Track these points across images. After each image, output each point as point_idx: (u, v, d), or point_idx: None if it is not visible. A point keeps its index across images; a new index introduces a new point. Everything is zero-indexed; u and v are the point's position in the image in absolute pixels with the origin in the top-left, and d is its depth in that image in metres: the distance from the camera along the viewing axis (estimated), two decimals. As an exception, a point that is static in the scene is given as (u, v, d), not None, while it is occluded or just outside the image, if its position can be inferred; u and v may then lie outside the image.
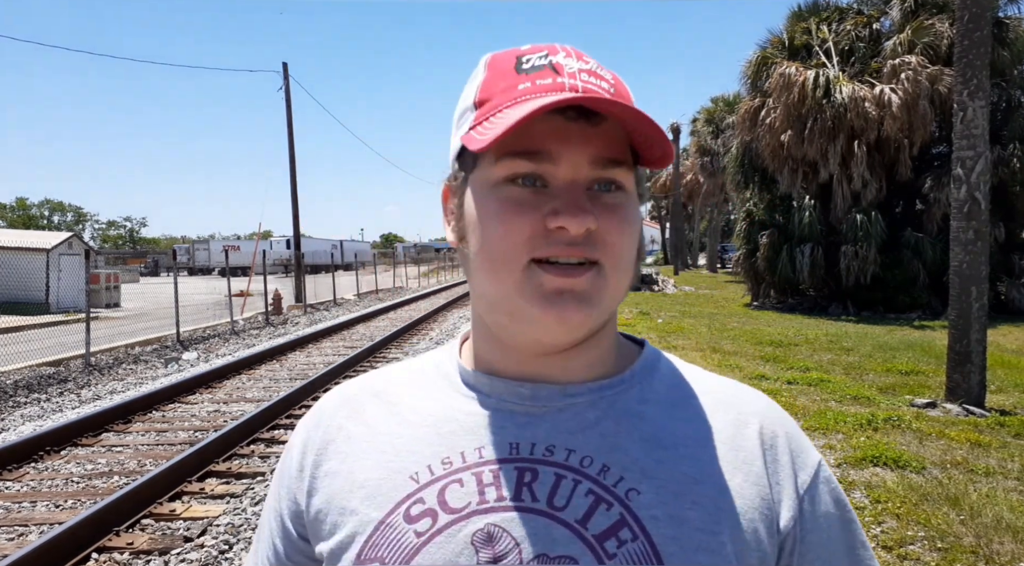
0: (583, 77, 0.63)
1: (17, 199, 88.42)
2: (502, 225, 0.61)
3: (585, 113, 0.60)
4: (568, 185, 0.61)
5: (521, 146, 0.61)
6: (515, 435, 0.64)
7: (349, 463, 0.67)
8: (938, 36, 15.13)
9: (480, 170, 0.64)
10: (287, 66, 22.82)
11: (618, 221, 0.62)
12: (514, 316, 0.62)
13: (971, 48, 6.58)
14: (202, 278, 46.37)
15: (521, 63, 0.64)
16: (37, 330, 14.14)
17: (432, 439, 0.65)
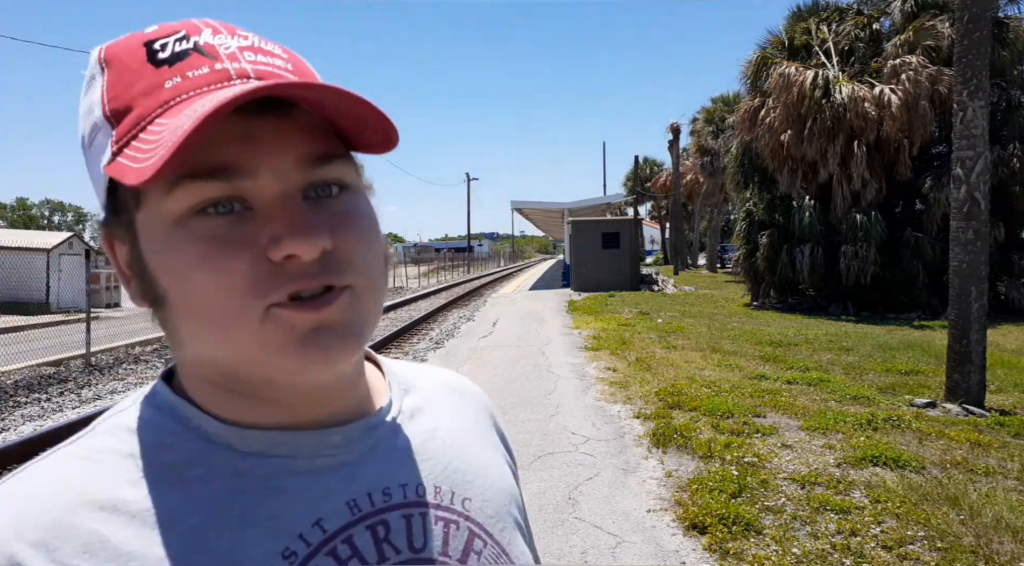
0: (248, 57, 0.50)
1: (17, 199, 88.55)
2: (210, 275, 0.47)
3: (270, 104, 0.47)
4: (279, 200, 0.48)
5: (201, 164, 0.46)
6: (347, 492, 0.53)
7: None
8: (939, 37, 15.13)
9: (149, 208, 0.48)
10: (287, 66, 22.82)
11: (355, 230, 0.51)
12: (266, 372, 0.50)
13: (971, 48, 6.58)
14: (202, 278, 46.22)
15: (155, 52, 0.49)
16: (37, 330, 14.14)
17: (247, 537, 0.49)
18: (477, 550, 0.56)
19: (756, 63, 17.75)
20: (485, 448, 0.66)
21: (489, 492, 0.61)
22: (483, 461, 0.64)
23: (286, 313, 0.47)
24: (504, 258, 79.28)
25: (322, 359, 0.48)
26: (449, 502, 0.57)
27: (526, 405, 6.98)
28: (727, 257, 40.22)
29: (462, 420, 0.66)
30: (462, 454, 0.62)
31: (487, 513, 0.59)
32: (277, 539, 0.49)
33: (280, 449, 0.53)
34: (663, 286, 25.27)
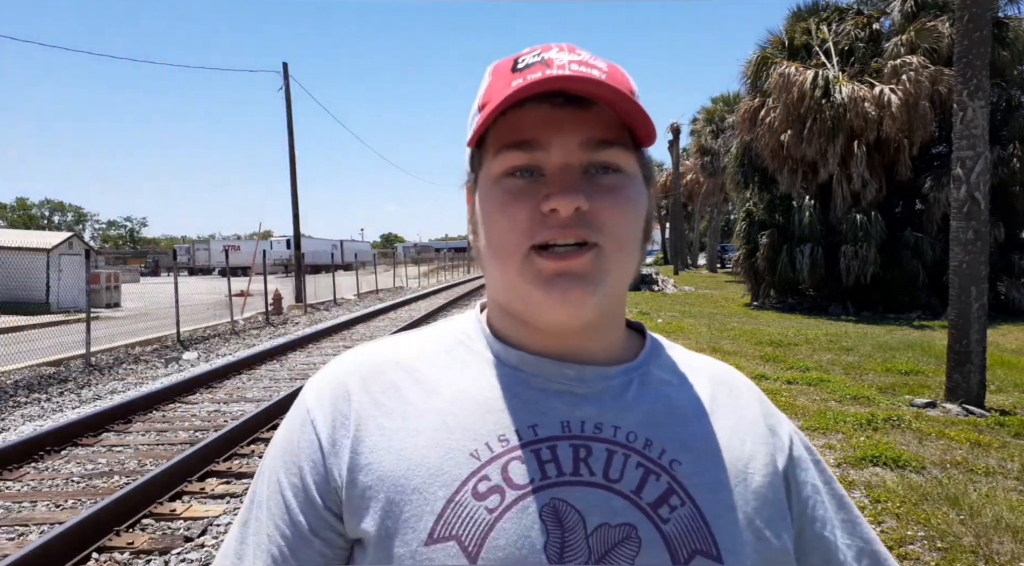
0: (573, 67, 0.64)
1: (17, 199, 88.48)
2: (503, 217, 0.65)
3: (574, 99, 0.63)
4: (560, 170, 0.64)
5: (513, 138, 0.64)
6: (564, 414, 0.67)
7: (396, 440, 0.65)
8: (939, 37, 15.13)
9: (484, 168, 0.68)
10: (287, 66, 22.82)
11: (615, 201, 0.64)
12: (524, 301, 0.67)
13: (971, 48, 6.58)
14: (202, 278, 46.37)
15: (517, 63, 0.67)
16: (37, 330, 14.14)
17: (484, 417, 0.66)
18: (673, 505, 0.63)
19: (756, 63, 17.75)
20: (728, 430, 0.70)
21: (715, 471, 0.67)
22: (726, 443, 0.69)
23: (539, 259, 0.63)
24: (504, 258, 79.05)
25: (560, 299, 0.63)
26: (657, 456, 0.66)
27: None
28: (727, 257, 40.23)
29: (708, 402, 0.72)
30: (696, 430, 0.69)
31: (695, 480, 0.65)
32: (499, 427, 0.65)
33: (527, 368, 0.69)
34: (663, 286, 25.26)
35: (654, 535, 0.61)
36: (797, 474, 0.72)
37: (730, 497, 0.65)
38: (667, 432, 0.67)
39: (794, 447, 0.74)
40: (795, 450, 0.74)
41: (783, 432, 0.74)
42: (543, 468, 0.63)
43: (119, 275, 24.27)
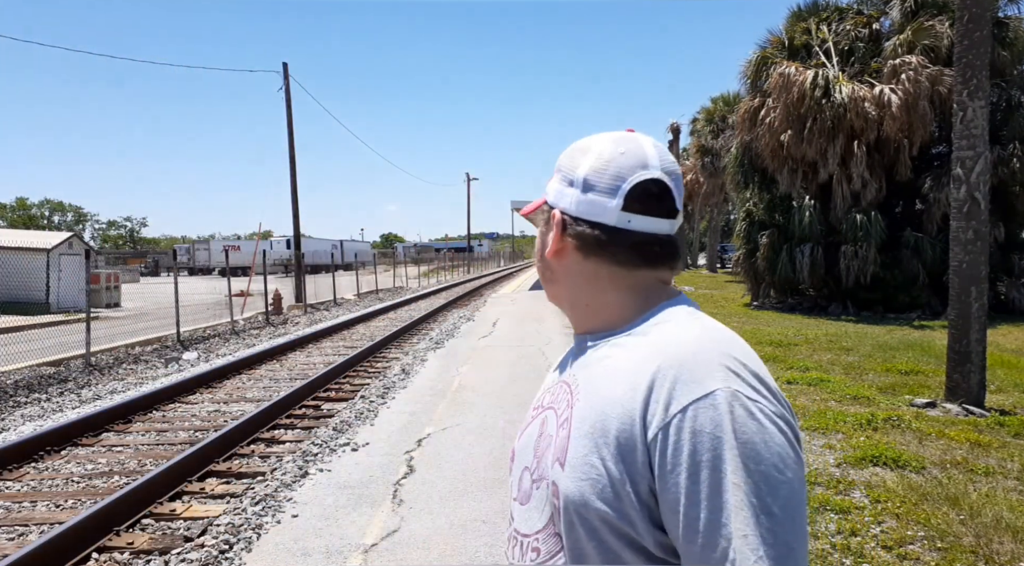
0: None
1: (17, 199, 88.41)
2: None
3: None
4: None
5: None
6: (561, 375, 0.99)
7: None
8: (938, 37, 15.12)
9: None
10: (287, 66, 22.82)
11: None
12: None
13: (971, 48, 6.58)
14: (202, 278, 46.36)
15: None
16: (37, 330, 14.14)
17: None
18: (562, 420, 0.89)
19: (756, 63, 17.74)
20: (613, 390, 0.84)
21: (590, 412, 0.84)
22: (602, 395, 0.85)
23: None
24: (504, 258, 79.25)
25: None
26: (573, 394, 0.90)
27: (526, 405, 6.93)
28: (727, 257, 40.21)
29: (622, 362, 0.86)
30: (596, 383, 0.87)
31: (579, 415, 0.86)
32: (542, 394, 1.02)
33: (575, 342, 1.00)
34: (663, 286, 25.25)
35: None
36: (660, 473, 0.77)
37: (584, 443, 0.82)
38: (586, 383, 0.88)
39: (664, 439, 0.77)
40: (663, 441, 0.77)
41: (669, 411, 0.78)
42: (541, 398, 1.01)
43: (119, 275, 24.26)
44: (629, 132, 0.95)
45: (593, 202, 0.89)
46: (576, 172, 0.92)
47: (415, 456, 5.45)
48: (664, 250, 0.91)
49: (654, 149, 0.91)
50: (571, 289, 0.95)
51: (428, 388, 8.09)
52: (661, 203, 0.89)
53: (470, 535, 3.95)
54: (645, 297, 0.91)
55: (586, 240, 0.90)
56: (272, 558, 3.78)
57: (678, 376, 0.78)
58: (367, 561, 3.69)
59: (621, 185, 0.88)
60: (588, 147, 0.93)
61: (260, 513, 4.39)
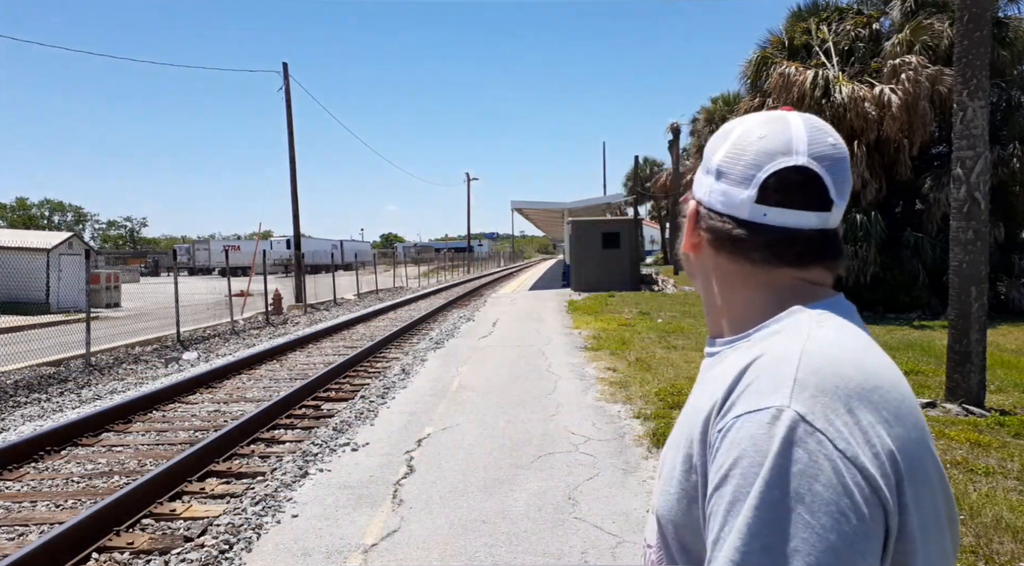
0: None
1: (17, 199, 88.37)
2: None
3: None
4: None
5: None
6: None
7: None
8: (938, 36, 15.11)
9: None
10: (287, 66, 22.83)
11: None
12: None
13: (971, 48, 6.58)
14: (202, 278, 46.35)
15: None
16: (37, 330, 14.14)
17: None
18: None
19: (756, 63, 17.73)
20: (700, 396, 0.80)
21: (685, 416, 0.81)
22: (694, 401, 0.81)
23: None
24: (504, 258, 79.23)
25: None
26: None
27: (526, 405, 6.98)
28: (727, 257, 40.09)
29: (700, 397, 0.80)
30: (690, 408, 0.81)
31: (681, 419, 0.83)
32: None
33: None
34: (663, 286, 25.26)
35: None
36: (711, 481, 0.71)
37: (675, 444, 0.80)
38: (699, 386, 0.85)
39: (720, 443, 0.71)
40: (718, 443, 0.71)
41: (729, 416, 0.71)
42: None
43: (119, 275, 24.26)
44: (785, 110, 0.84)
45: (726, 192, 0.81)
46: (712, 159, 0.84)
47: (415, 456, 5.45)
48: (811, 247, 0.79)
49: (804, 132, 0.79)
50: (704, 287, 0.88)
51: (428, 388, 8.09)
52: (806, 194, 0.78)
53: (470, 535, 3.95)
54: (781, 300, 0.80)
55: (718, 234, 0.82)
56: (272, 558, 3.78)
57: (750, 384, 0.71)
58: (367, 561, 3.69)
59: (756, 174, 0.78)
60: (730, 130, 0.84)
61: (260, 513, 4.39)
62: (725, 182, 0.81)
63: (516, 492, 4.57)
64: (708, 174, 0.84)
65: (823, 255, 0.80)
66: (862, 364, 0.71)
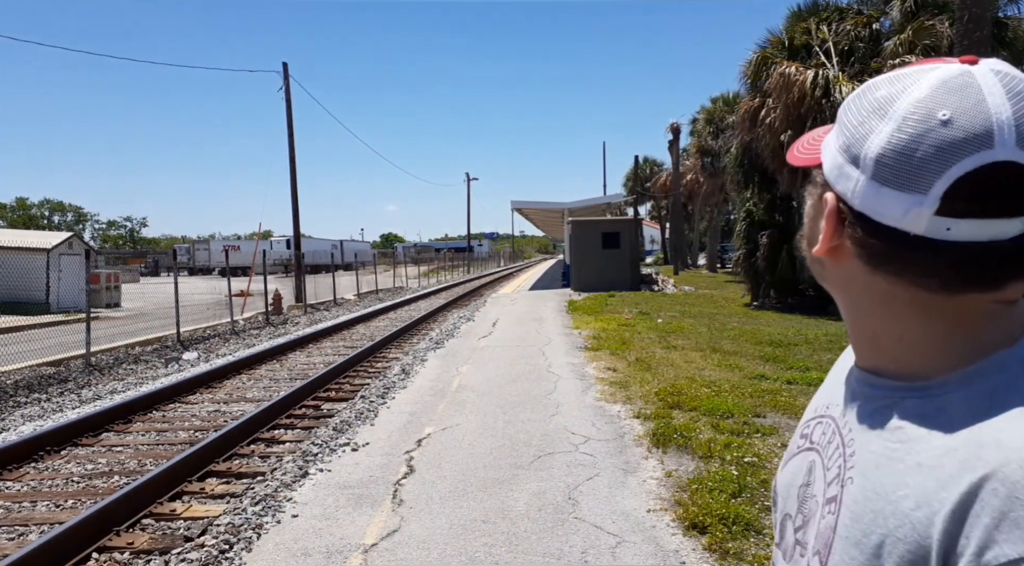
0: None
1: (17, 199, 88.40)
2: None
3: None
4: None
5: None
6: (837, 393, 0.77)
7: None
8: (939, 36, 15.11)
9: None
10: (287, 66, 22.83)
11: None
12: None
13: (971, 48, 6.59)
14: (202, 278, 46.36)
15: None
16: (37, 330, 14.14)
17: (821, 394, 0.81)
18: (831, 498, 0.67)
19: (756, 63, 17.73)
20: (899, 502, 0.58)
21: (862, 520, 0.61)
22: (881, 506, 0.59)
23: None
24: (504, 258, 79.25)
25: None
26: (849, 459, 0.66)
27: (526, 405, 6.98)
28: (727, 257, 40.22)
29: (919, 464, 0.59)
30: (881, 470, 0.61)
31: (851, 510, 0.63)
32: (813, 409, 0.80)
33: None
34: (663, 286, 25.27)
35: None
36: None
37: (851, 552, 0.61)
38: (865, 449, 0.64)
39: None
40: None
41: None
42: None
43: (119, 275, 24.27)
44: (966, 64, 0.59)
45: (889, 197, 0.58)
46: (864, 144, 0.60)
47: (415, 456, 5.45)
48: (1009, 261, 0.57)
49: (1008, 105, 0.55)
50: (851, 307, 0.67)
51: (428, 388, 8.09)
52: (1009, 199, 0.55)
53: (470, 535, 3.95)
54: (972, 335, 0.60)
55: (874, 251, 0.61)
56: (272, 558, 3.78)
57: (1008, 507, 0.50)
58: (367, 561, 3.69)
59: (938, 178, 0.55)
60: (890, 101, 0.60)
61: (260, 513, 4.39)
62: (887, 183, 0.58)
63: (516, 492, 4.57)
64: (856, 165, 0.61)
65: (1022, 267, 0.58)
66: None
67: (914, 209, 0.57)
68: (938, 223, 0.56)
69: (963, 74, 0.58)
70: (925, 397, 0.61)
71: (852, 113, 0.63)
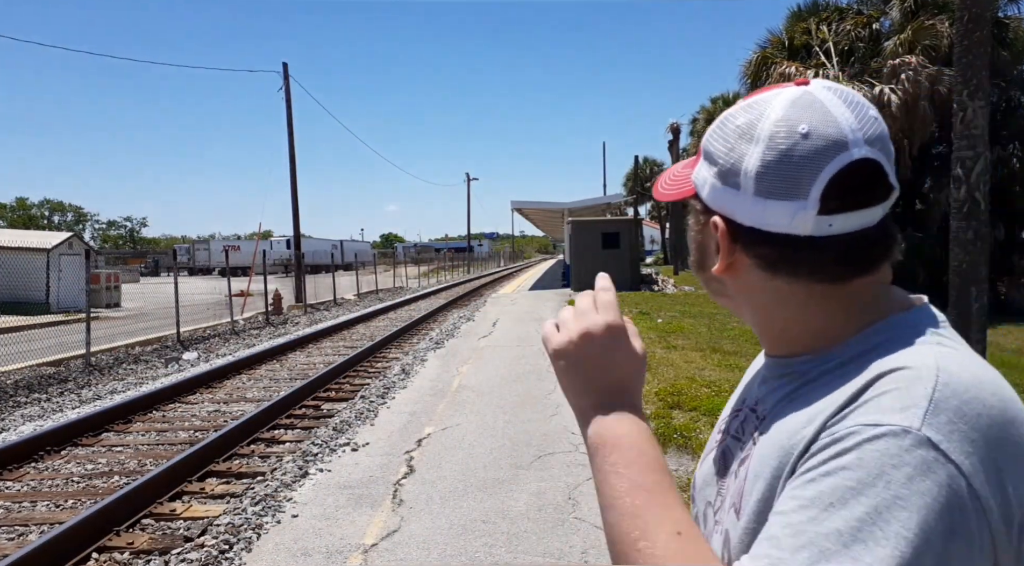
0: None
1: (17, 199, 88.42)
2: None
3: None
4: None
5: None
6: (752, 386, 0.85)
7: None
8: (938, 36, 15.12)
9: None
10: (287, 66, 22.83)
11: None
12: None
13: (971, 48, 6.58)
14: (202, 278, 46.36)
15: None
16: (37, 330, 14.13)
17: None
18: (744, 459, 0.72)
19: (756, 63, 17.73)
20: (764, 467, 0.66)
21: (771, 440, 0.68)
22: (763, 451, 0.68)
23: None
24: (504, 258, 79.27)
25: None
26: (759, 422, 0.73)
27: (526, 405, 6.98)
28: (727, 257, 40.11)
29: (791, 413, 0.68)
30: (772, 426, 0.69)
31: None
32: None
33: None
34: (663, 286, 25.27)
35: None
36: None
37: (757, 469, 0.67)
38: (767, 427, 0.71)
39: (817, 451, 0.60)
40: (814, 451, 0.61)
41: (844, 423, 0.60)
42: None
43: (119, 275, 24.27)
44: (801, 87, 0.68)
45: (774, 208, 0.65)
46: (740, 166, 0.67)
47: (415, 456, 5.45)
48: (879, 244, 0.69)
49: (848, 111, 0.65)
50: (755, 312, 0.74)
51: (428, 388, 8.09)
52: (871, 188, 0.65)
53: (470, 535, 3.95)
54: (863, 310, 0.69)
55: (768, 259, 0.68)
56: (272, 558, 3.78)
57: (873, 398, 0.59)
58: (367, 561, 3.69)
59: (813, 184, 0.64)
60: (752, 125, 0.67)
61: (260, 513, 4.39)
62: (770, 196, 0.65)
63: (516, 492, 4.57)
64: (736, 188, 0.68)
65: (888, 249, 0.70)
66: (1001, 392, 0.60)
67: (799, 214, 0.65)
68: (821, 222, 0.65)
69: (805, 94, 0.67)
70: (827, 360, 0.69)
71: (719, 142, 0.70)
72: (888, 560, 0.52)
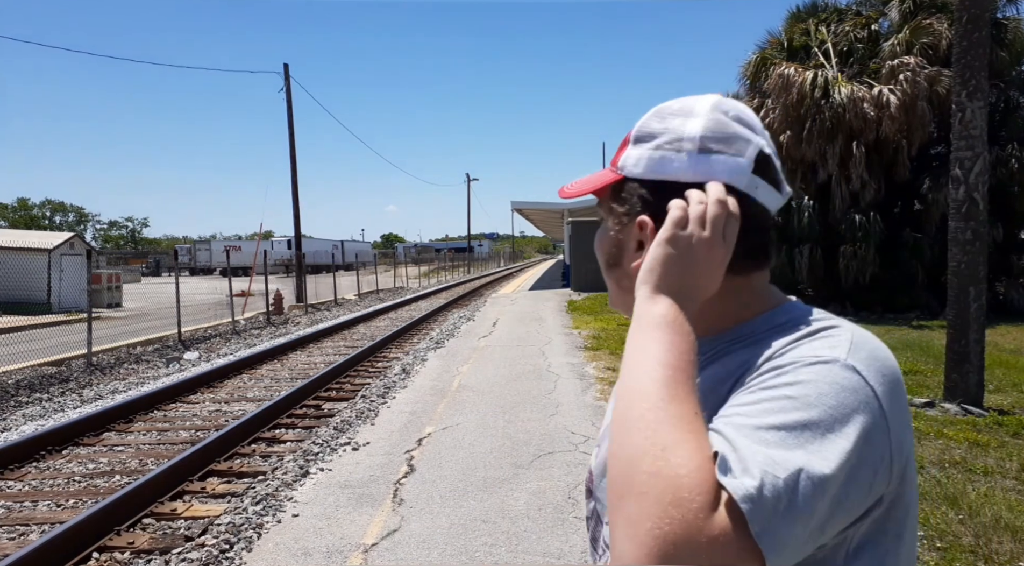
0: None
1: (19, 199, 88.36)
2: None
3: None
4: None
5: None
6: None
7: None
8: (937, 37, 15.13)
9: None
10: (288, 67, 22.83)
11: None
12: None
13: (970, 49, 6.59)
14: (203, 278, 46.37)
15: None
16: (39, 330, 14.15)
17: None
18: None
19: (755, 64, 17.74)
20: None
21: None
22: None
23: None
24: (504, 258, 79.27)
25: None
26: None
27: (526, 405, 7.00)
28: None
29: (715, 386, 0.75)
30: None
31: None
32: None
33: None
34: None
35: None
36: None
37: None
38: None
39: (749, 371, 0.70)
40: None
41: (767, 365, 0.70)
42: None
43: (120, 275, 24.28)
44: (699, 99, 0.82)
45: (717, 163, 0.75)
46: (682, 133, 0.77)
47: (416, 455, 5.47)
48: (771, 244, 0.81)
49: (757, 120, 0.81)
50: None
51: (429, 388, 8.11)
52: (779, 176, 0.79)
53: (471, 535, 3.97)
54: (760, 298, 0.80)
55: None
56: (273, 558, 3.79)
57: (803, 343, 0.70)
58: (367, 561, 3.71)
59: (748, 147, 0.76)
60: (688, 109, 0.79)
61: (261, 512, 4.41)
62: (712, 153, 0.76)
63: (516, 491, 4.59)
64: (677, 150, 0.77)
65: (771, 251, 0.81)
66: (892, 356, 0.72)
67: (739, 166, 0.75)
68: (753, 180, 0.75)
69: (716, 100, 0.80)
70: (741, 334, 0.77)
71: (655, 124, 0.80)
72: (822, 452, 0.60)
